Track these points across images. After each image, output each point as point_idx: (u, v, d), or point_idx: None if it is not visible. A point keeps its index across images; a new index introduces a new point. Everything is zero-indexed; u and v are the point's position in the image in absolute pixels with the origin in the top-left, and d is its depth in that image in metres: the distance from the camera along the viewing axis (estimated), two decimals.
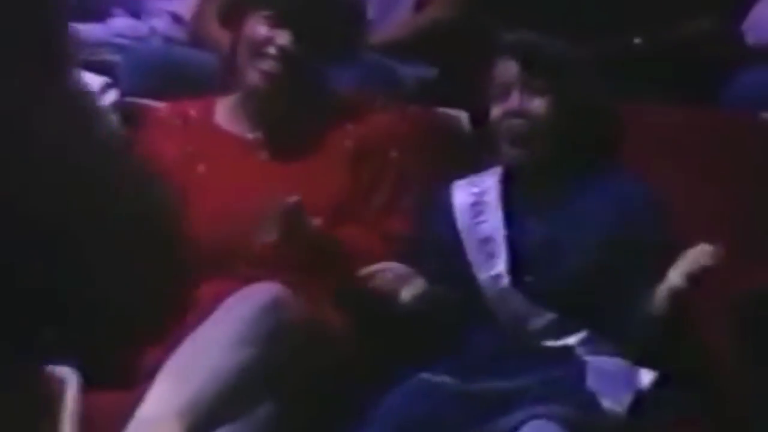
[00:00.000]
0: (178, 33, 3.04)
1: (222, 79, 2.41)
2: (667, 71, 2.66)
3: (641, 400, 2.22)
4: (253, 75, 2.26)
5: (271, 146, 2.32)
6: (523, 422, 2.19)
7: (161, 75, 2.73)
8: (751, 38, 2.64)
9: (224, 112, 2.35)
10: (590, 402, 2.21)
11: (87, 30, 2.90)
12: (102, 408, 2.15)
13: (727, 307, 2.31)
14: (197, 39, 2.94)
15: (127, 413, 2.07)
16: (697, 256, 2.16)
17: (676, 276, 2.15)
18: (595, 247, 2.21)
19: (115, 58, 2.82)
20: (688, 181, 2.38)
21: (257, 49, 2.26)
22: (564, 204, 2.26)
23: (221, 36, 2.67)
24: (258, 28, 2.28)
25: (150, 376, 2.09)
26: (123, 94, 2.70)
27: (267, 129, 2.31)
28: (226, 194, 2.29)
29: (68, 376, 2.10)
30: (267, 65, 2.26)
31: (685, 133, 2.49)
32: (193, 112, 2.36)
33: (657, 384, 2.23)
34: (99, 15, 3.01)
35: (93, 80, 2.50)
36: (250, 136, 2.34)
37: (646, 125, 2.45)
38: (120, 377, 2.17)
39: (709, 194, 2.39)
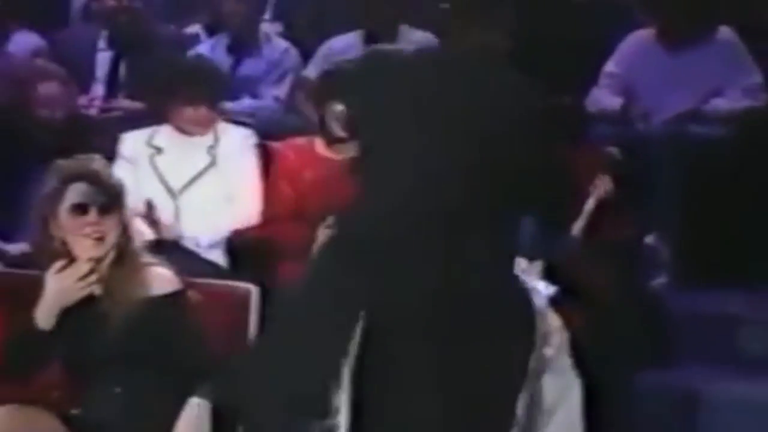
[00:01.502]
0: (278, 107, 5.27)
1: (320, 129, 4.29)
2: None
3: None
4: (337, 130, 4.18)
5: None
6: None
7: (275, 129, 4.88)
8: (591, 108, 4.80)
9: (321, 145, 4.28)
10: None
11: (230, 105, 5.13)
12: None
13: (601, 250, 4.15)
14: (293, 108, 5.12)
15: None
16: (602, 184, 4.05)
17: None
18: None
19: (248, 119, 5.01)
20: None
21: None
22: None
23: (309, 108, 4.72)
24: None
25: None
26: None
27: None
28: (323, 191, 4.00)
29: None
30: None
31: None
32: (300, 144, 4.33)
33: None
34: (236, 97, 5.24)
35: (242, 132, 4.49)
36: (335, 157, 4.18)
37: None
38: None
39: None
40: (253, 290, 3.48)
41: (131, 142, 4.33)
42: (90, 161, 3.31)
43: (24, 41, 5.51)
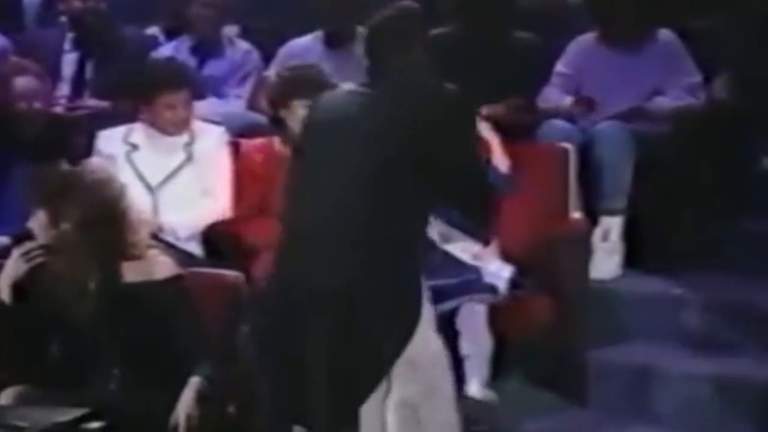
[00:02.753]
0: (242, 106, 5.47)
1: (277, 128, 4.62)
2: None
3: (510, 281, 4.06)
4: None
5: None
6: (458, 307, 3.93)
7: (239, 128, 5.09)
8: (541, 105, 5.08)
9: (279, 144, 4.51)
10: (490, 289, 4.00)
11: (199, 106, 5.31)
12: None
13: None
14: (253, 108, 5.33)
15: None
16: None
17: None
18: None
19: (216, 118, 5.19)
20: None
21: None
22: None
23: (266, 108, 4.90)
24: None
25: None
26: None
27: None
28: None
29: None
30: None
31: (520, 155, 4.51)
32: (261, 144, 4.56)
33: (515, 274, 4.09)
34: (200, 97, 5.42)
35: (217, 130, 4.68)
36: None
37: None
38: None
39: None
40: (241, 278, 3.70)
41: (107, 140, 4.52)
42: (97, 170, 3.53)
43: None
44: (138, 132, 4.53)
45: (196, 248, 4.42)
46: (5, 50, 5.56)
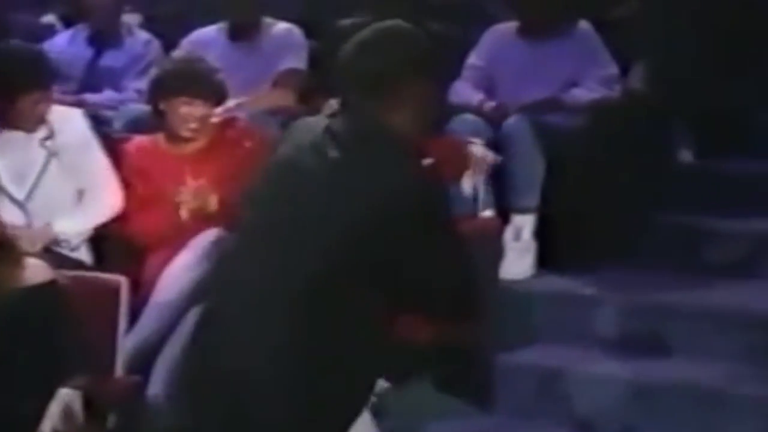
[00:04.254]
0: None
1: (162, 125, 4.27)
2: None
3: None
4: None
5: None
6: None
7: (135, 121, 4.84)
8: (453, 100, 4.90)
9: (163, 141, 4.23)
10: None
11: (92, 97, 5.07)
12: None
13: None
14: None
15: None
16: None
17: None
18: None
19: (109, 113, 4.95)
20: None
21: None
22: None
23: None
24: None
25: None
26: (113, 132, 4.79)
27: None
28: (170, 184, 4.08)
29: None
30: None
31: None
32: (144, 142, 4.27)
33: None
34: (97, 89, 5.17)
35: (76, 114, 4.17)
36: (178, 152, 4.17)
37: None
38: None
39: None
40: (123, 282, 3.47)
41: None
42: None
43: None
44: None
45: (86, 255, 4.14)
46: None
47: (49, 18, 5.77)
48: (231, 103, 4.58)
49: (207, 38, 5.19)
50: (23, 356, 3.11)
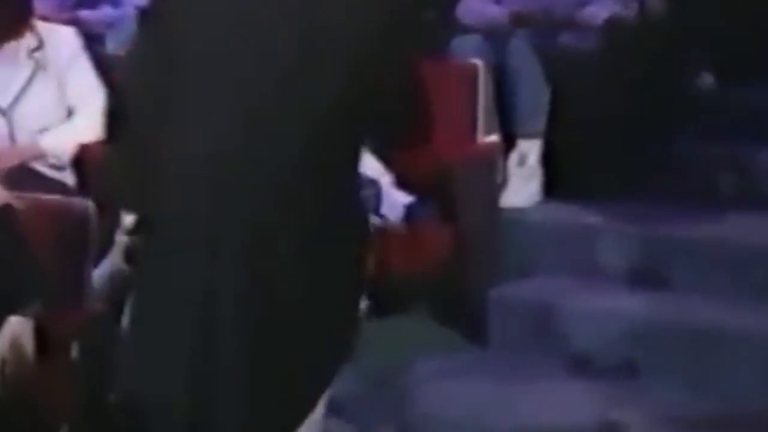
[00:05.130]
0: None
1: None
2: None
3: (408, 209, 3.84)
4: None
5: None
6: None
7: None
8: (465, 19, 4.66)
9: None
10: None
11: (87, 14, 4.91)
12: None
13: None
14: None
15: None
16: None
17: None
18: None
19: (105, 30, 4.80)
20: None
21: None
22: None
23: None
24: None
25: None
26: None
27: None
28: None
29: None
30: None
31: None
32: None
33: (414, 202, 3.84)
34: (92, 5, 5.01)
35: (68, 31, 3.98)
36: None
37: None
38: None
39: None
40: (91, 207, 3.32)
41: None
42: None
43: None
44: None
45: (69, 177, 3.99)
46: None
47: None
48: None
49: None
50: None
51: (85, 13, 4.90)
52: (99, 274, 3.49)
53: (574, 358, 3.78)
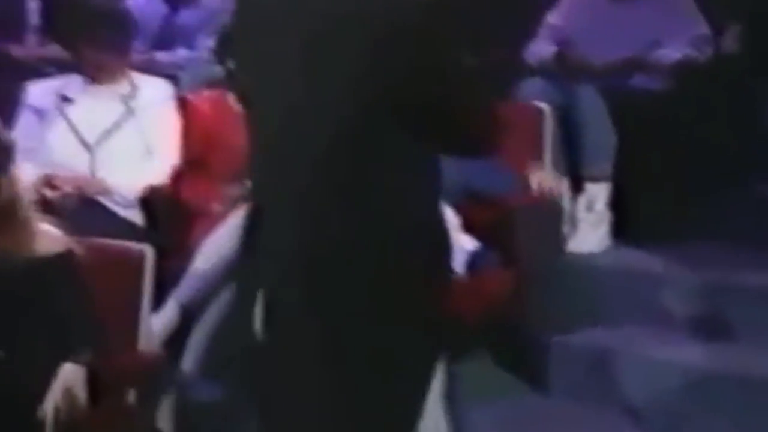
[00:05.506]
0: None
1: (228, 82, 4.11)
2: None
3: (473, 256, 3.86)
4: None
5: None
6: None
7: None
8: (530, 61, 4.65)
9: (232, 99, 4.04)
10: None
11: (163, 56, 5.00)
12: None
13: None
14: None
15: None
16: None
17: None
18: None
19: (178, 71, 4.87)
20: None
21: None
22: None
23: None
24: None
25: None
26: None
27: None
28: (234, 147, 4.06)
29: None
30: None
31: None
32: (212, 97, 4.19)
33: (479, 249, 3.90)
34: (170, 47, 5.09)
35: (160, 82, 4.25)
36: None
37: None
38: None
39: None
40: (148, 252, 3.37)
41: (39, 93, 4.18)
42: None
43: None
44: (73, 84, 4.17)
45: (137, 216, 4.07)
46: None
47: None
48: None
49: None
50: (29, 329, 3.03)
51: (160, 55, 4.98)
52: (158, 318, 3.54)
53: (627, 407, 3.71)
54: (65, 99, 4.12)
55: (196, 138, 4.10)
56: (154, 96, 4.15)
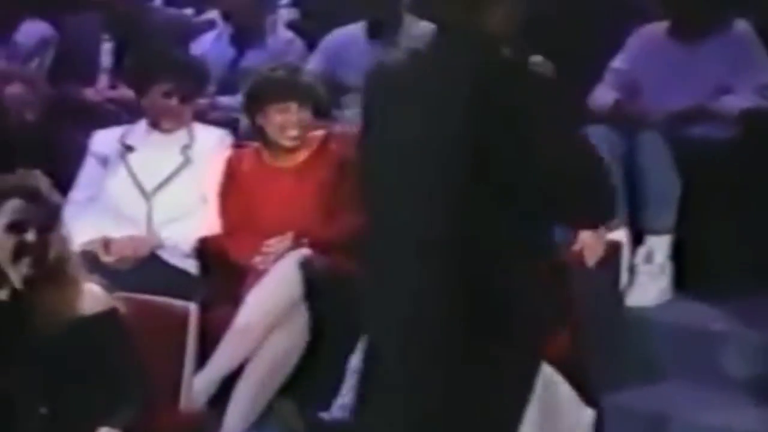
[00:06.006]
0: None
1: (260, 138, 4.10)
2: None
3: None
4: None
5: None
6: None
7: None
8: (591, 107, 4.56)
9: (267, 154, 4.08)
10: None
11: (225, 100, 5.03)
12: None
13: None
14: None
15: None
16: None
17: None
18: None
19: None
20: None
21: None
22: None
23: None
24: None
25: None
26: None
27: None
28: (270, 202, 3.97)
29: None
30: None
31: None
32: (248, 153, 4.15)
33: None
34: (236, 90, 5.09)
35: (219, 132, 4.28)
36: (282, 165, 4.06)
37: None
38: None
39: None
40: (192, 309, 3.37)
41: (102, 140, 4.25)
42: (29, 177, 3.22)
43: (33, 30, 5.44)
44: (136, 132, 4.24)
45: (192, 266, 4.07)
46: (46, 40, 5.38)
47: (211, 14, 5.73)
48: None
49: (346, 38, 5.04)
50: (72, 388, 3.06)
51: (222, 100, 5.01)
52: (201, 376, 3.54)
53: None
54: (127, 147, 4.18)
55: (233, 193, 4.09)
56: (212, 145, 4.17)
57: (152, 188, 4.11)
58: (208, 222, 4.08)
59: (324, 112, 4.18)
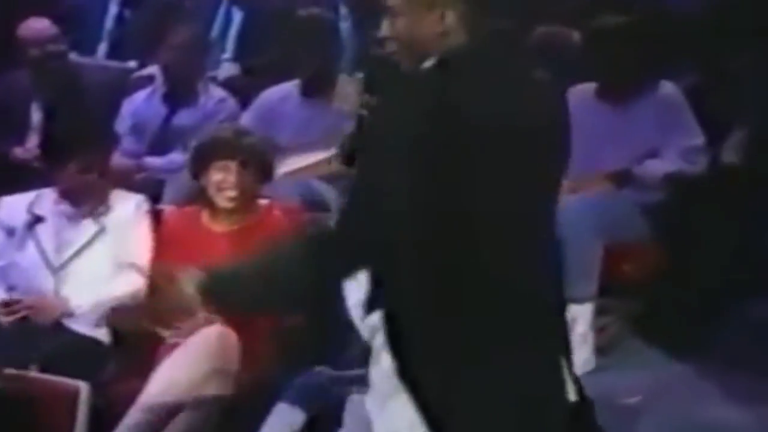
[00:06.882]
0: None
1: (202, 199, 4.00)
2: None
3: None
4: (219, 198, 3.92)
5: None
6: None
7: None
8: None
9: (206, 216, 3.97)
10: None
11: (153, 162, 4.98)
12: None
13: None
14: None
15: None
16: None
17: None
18: None
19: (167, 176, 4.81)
20: None
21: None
22: None
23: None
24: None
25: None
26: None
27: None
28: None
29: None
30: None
31: None
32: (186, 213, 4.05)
33: None
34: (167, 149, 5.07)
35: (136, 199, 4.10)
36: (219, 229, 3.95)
37: None
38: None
39: None
40: (83, 388, 3.30)
41: (9, 209, 4.09)
42: None
43: None
44: (45, 200, 4.07)
45: (104, 335, 3.94)
46: None
47: (151, 68, 5.66)
48: (288, 167, 4.42)
49: (280, 95, 4.98)
50: None
51: (150, 161, 4.95)
52: None
53: None
54: (37, 218, 4.03)
55: (165, 251, 3.99)
56: (128, 212, 4.06)
57: (62, 262, 3.98)
58: (126, 288, 3.97)
59: (268, 175, 4.06)
